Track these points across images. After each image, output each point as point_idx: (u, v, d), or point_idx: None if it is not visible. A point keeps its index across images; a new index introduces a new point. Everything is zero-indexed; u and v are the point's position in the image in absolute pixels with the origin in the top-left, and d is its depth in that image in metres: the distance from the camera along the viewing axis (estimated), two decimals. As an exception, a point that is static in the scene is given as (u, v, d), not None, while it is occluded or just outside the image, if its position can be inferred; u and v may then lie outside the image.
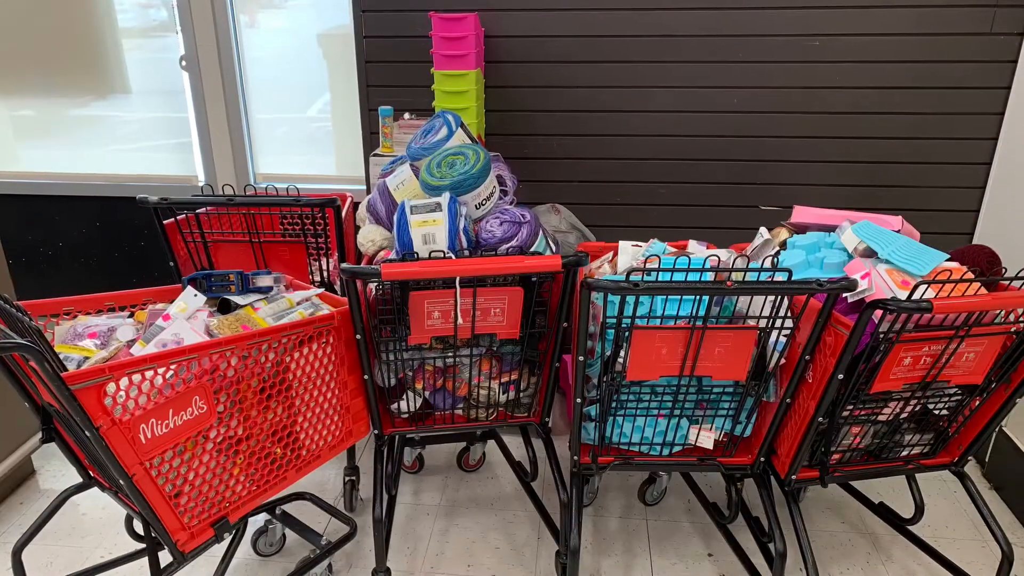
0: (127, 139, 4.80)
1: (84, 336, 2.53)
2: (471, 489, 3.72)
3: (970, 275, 2.44)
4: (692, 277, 2.39)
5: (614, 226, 4.22)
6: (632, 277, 2.24)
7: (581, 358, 2.46)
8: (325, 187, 4.73)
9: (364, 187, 4.63)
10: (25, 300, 2.58)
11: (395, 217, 2.58)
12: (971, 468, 3.84)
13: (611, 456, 2.75)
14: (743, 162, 4.04)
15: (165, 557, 2.98)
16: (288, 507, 3.38)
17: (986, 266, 2.61)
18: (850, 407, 2.53)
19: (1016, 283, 3.16)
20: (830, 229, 2.84)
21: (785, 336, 2.46)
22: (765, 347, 2.48)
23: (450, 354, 2.73)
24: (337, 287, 3.42)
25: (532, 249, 2.65)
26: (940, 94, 3.82)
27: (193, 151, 4.77)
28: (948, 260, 2.51)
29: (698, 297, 2.36)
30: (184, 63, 4.56)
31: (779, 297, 2.32)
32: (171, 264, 3.32)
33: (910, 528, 3.18)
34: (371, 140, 4.13)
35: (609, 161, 4.10)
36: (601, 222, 4.22)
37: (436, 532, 3.42)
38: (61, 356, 2.40)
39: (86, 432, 2.09)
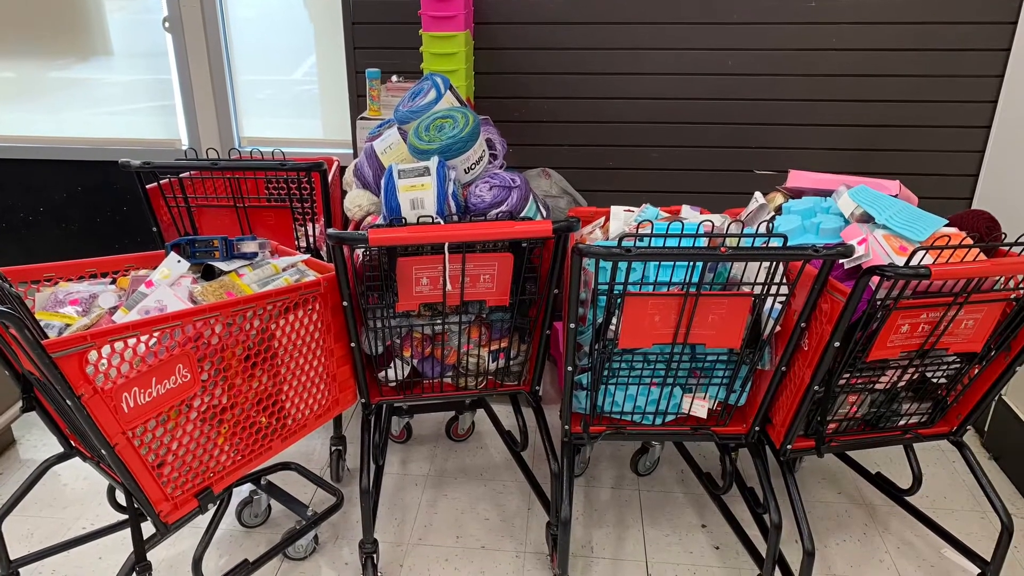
0: (109, 102, 4.76)
1: (65, 303, 2.52)
2: (460, 459, 3.72)
3: (969, 241, 2.43)
4: (685, 243, 2.37)
5: (606, 191, 4.19)
6: (624, 243, 2.22)
7: (572, 325, 2.45)
8: (311, 151, 4.70)
9: (351, 151, 4.59)
10: (4, 266, 2.55)
11: (383, 181, 2.56)
12: (970, 438, 3.85)
13: (603, 425, 2.76)
14: (737, 125, 4.00)
15: (148, 528, 2.98)
16: (273, 477, 3.39)
17: (985, 231, 2.59)
18: (846, 375, 2.53)
19: (1016, 249, 3.13)
20: (826, 194, 2.83)
21: (780, 303, 2.44)
22: (760, 314, 2.47)
23: (439, 321, 2.72)
24: (323, 253, 3.41)
25: (522, 214, 2.64)
26: (939, 56, 3.78)
27: (176, 114, 4.73)
28: (947, 225, 2.51)
29: (691, 263, 2.34)
30: (167, 24, 4.51)
31: (774, 263, 2.31)
32: (154, 229, 3.29)
33: (908, 499, 3.19)
34: (358, 103, 4.09)
35: (601, 125, 4.06)
36: (592, 187, 4.19)
37: (424, 503, 3.42)
38: (42, 323, 2.39)
39: (67, 401, 2.07)
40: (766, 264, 2.36)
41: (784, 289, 2.41)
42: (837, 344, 2.34)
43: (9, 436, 3.83)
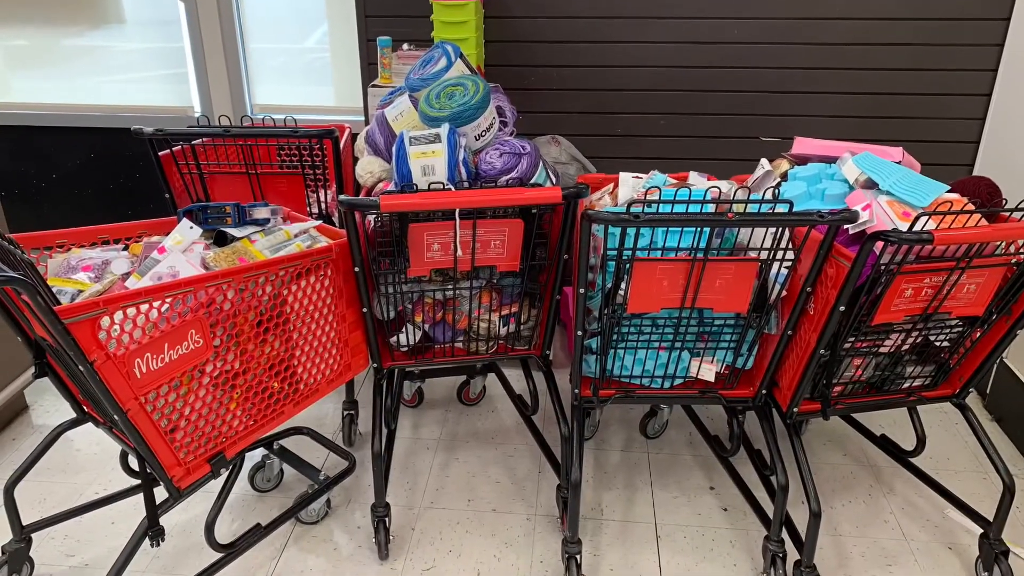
0: (122, 70, 4.77)
1: (78, 269, 2.52)
2: (471, 423, 3.74)
3: (971, 206, 2.43)
4: (693, 209, 2.37)
5: (614, 158, 4.20)
6: (633, 209, 2.23)
7: (582, 290, 2.45)
8: (323, 118, 4.71)
9: (363, 118, 4.60)
10: (17, 233, 2.56)
11: (394, 148, 2.56)
12: (972, 400, 3.87)
13: (612, 389, 2.76)
14: (744, 93, 4.01)
15: (161, 493, 2.95)
16: (286, 442, 3.39)
17: (986, 197, 2.60)
18: (851, 339, 2.54)
19: (1016, 214, 3.14)
20: (831, 160, 2.83)
21: (786, 268, 2.46)
22: (766, 279, 2.48)
23: (450, 286, 2.73)
24: (335, 219, 3.41)
25: (532, 181, 2.63)
26: (940, 26, 3.78)
27: (189, 82, 4.74)
28: (949, 191, 2.50)
29: (699, 229, 2.35)
30: (179, -8, 4.51)
31: (780, 229, 2.32)
32: (166, 196, 3.30)
33: (912, 460, 3.19)
34: (369, 71, 4.09)
35: (609, 92, 4.07)
36: (601, 154, 4.19)
37: (436, 466, 3.44)
38: (54, 290, 2.39)
39: (80, 367, 2.08)
40: (772, 230, 2.37)
41: (790, 254, 2.41)
42: (842, 308, 2.35)
43: (22, 402, 3.85)
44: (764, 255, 2.41)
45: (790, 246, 2.39)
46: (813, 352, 2.47)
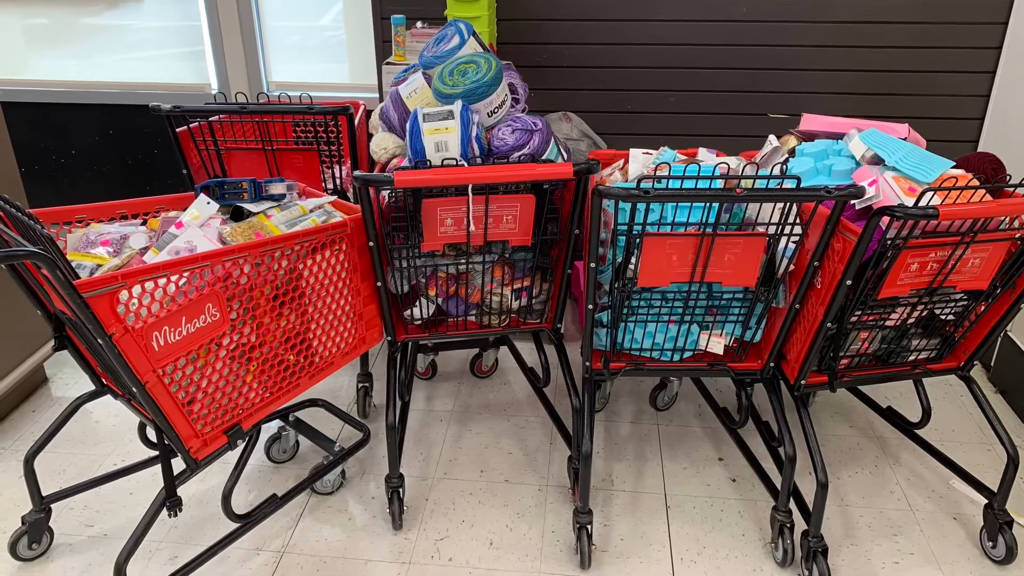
0: (140, 47, 4.79)
1: (96, 244, 2.53)
2: (484, 395, 3.77)
3: (975, 182, 2.44)
4: (702, 184, 2.38)
5: (625, 134, 4.22)
6: (643, 184, 2.24)
7: (593, 265, 2.47)
8: (338, 95, 4.72)
9: (377, 95, 4.62)
10: (37, 208, 2.58)
11: (408, 125, 2.58)
12: (977, 372, 3.89)
13: (622, 362, 2.78)
14: (752, 71, 4.02)
15: (178, 464, 2.98)
16: (301, 414, 3.42)
17: (991, 173, 2.61)
18: (858, 313, 2.55)
19: (1020, 190, 3.16)
20: (838, 137, 2.83)
21: (794, 242, 2.47)
22: (774, 253, 2.49)
23: (462, 261, 2.74)
24: (350, 195, 3.43)
25: (544, 157, 2.65)
26: (946, 4, 3.79)
27: (206, 59, 4.76)
28: (954, 167, 2.51)
29: (708, 204, 2.36)
30: (195, -30, 4.53)
31: (788, 204, 2.33)
32: (184, 172, 3.34)
33: (917, 432, 3.21)
34: (384, 49, 4.11)
35: (619, 69, 4.09)
36: (612, 130, 4.21)
37: (449, 438, 3.47)
38: (74, 264, 2.41)
39: (99, 340, 2.10)
40: (780, 205, 2.38)
41: (797, 229, 2.43)
42: (849, 282, 2.37)
43: (42, 374, 3.88)
44: (772, 230, 2.43)
45: (798, 221, 2.40)
46: (820, 325, 2.49)
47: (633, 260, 2.45)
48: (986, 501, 2.86)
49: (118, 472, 3.02)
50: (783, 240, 2.48)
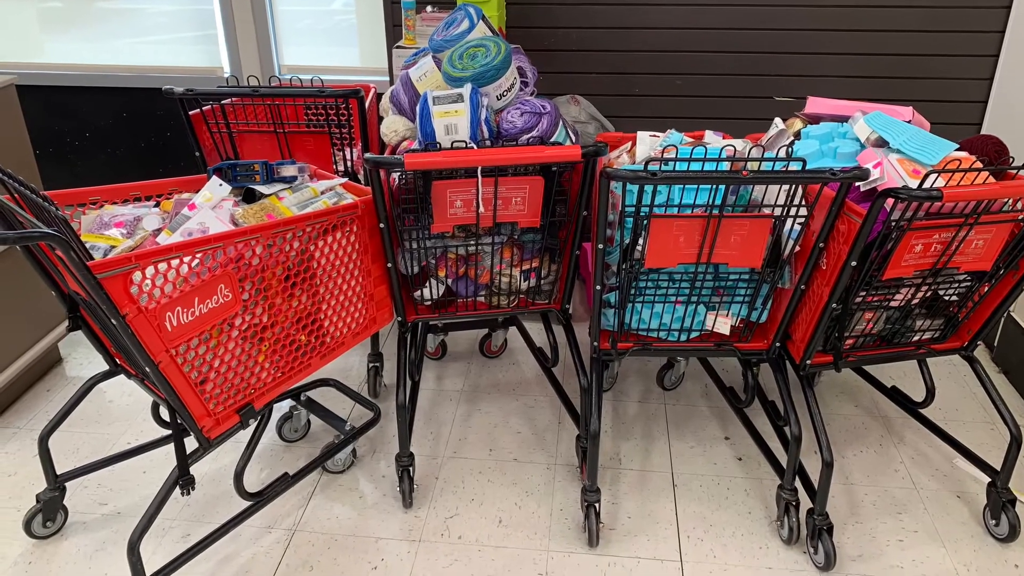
0: (153, 31, 4.81)
1: (110, 225, 2.54)
2: (493, 375, 3.79)
3: (979, 164, 2.45)
4: (709, 167, 2.38)
5: (632, 117, 4.23)
6: (650, 167, 2.25)
7: (600, 246, 2.49)
8: (349, 78, 4.74)
9: (387, 78, 4.63)
10: (51, 190, 2.59)
11: (418, 108, 2.60)
12: (980, 353, 3.91)
13: (630, 342, 2.79)
14: (758, 54, 4.04)
15: (191, 443, 3.04)
16: (313, 393, 3.44)
17: (994, 155, 2.62)
18: (863, 293, 2.56)
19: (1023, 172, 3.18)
20: (843, 120, 2.83)
21: (799, 224, 2.49)
22: (780, 235, 2.51)
23: (472, 242, 2.77)
24: (361, 177, 3.44)
25: (552, 139, 2.66)
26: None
27: (218, 43, 4.78)
28: (957, 150, 2.51)
29: (714, 186, 2.36)
30: (206, -46, 4.54)
31: (794, 186, 2.34)
32: (196, 154, 3.35)
33: (921, 411, 3.22)
34: (394, 32, 4.12)
35: (627, 53, 4.10)
36: (619, 113, 4.23)
37: (459, 417, 3.50)
38: (87, 245, 2.43)
39: (112, 320, 2.11)
40: (786, 187, 2.39)
41: (803, 211, 2.45)
42: (854, 263, 2.38)
43: (56, 355, 3.90)
44: (778, 212, 2.45)
45: (803, 203, 2.42)
46: (825, 306, 2.51)
47: (640, 241, 2.46)
48: (989, 480, 2.87)
49: (131, 451, 3.04)
50: (789, 222, 2.50)
